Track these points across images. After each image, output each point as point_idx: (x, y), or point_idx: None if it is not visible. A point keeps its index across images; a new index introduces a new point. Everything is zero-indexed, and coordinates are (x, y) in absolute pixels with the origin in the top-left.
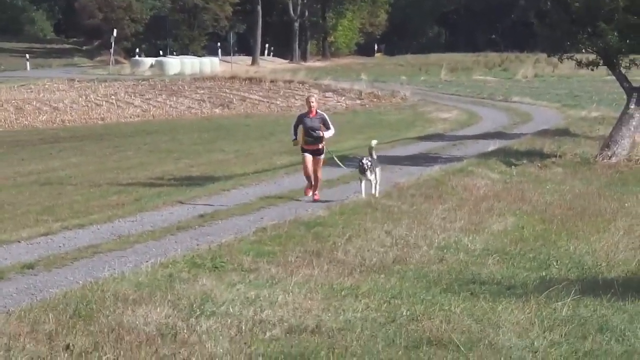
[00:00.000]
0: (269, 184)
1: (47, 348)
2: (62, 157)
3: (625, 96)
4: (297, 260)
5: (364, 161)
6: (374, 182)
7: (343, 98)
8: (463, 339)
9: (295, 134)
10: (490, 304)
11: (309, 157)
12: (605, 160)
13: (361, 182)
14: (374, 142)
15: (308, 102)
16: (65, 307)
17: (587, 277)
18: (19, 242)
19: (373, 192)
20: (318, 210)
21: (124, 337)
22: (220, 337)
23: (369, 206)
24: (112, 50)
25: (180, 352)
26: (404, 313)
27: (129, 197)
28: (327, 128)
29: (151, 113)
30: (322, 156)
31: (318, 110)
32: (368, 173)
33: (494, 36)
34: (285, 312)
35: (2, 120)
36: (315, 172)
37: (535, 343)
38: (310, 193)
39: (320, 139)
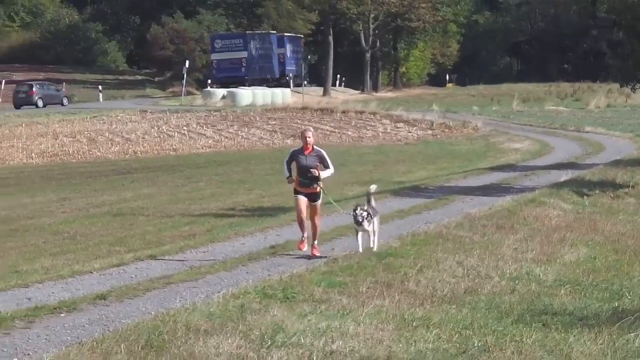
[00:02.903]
0: (339, 214)
1: None
2: (135, 188)
3: None
4: (368, 290)
5: (358, 211)
6: (372, 233)
7: (414, 128)
8: None
9: (289, 170)
10: (562, 335)
11: (302, 200)
12: None
13: (357, 234)
14: (373, 187)
15: (303, 136)
16: (137, 338)
17: None
18: (92, 272)
19: (371, 245)
20: (389, 241)
21: None
22: None
23: (441, 237)
24: (184, 82)
25: None
26: (476, 344)
27: (200, 227)
28: (326, 167)
29: (223, 144)
30: (319, 202)
31: (315, 147)
32: (365, 224)
33: (565, 66)
34: (356, 343)
35: (75, 152)
36: (312, 219)
37: None
38: (305, 247)
39: (316, 180)
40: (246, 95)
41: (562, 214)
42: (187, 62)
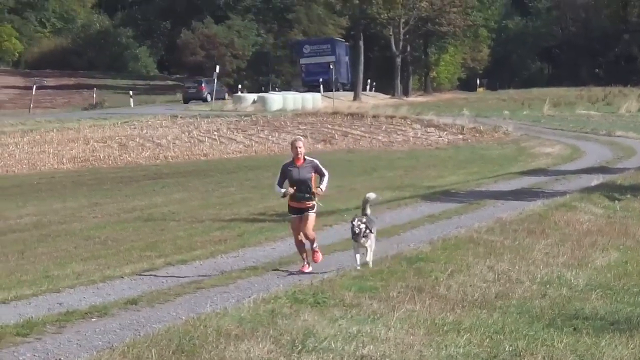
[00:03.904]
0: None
1: None
2: (165, 193)
3: None
4: (399, 295)
5: (356, 222)
6: (369, 249)
7: (445, 133)
8: None
9: (281, 185)
10: (593, 339)
11: (298, 222)
12: None
13: (355, 249)
14: (371, 196)
15: (294, 147)
16: (168, 343)
17: None
18: (123, 277)
19: (367, 260)
20: (420, 245)
21: None
22: None
23: (472, 241)
24: (214, 87)
25: None
26: (507, 349)
27: (231, 232)
28: (321, 175)
29: (253, 149)
30: (314, 214)
31: (306, 157)
32: (362, 240)
33: (597, 70)
34: (387, 347)
35: (106, 157)
36: (305, 232)
37: None
38: (308, 268)
39: (311, 194)
40: (277, 100)
41: (594, 218)
42: (218, 67)
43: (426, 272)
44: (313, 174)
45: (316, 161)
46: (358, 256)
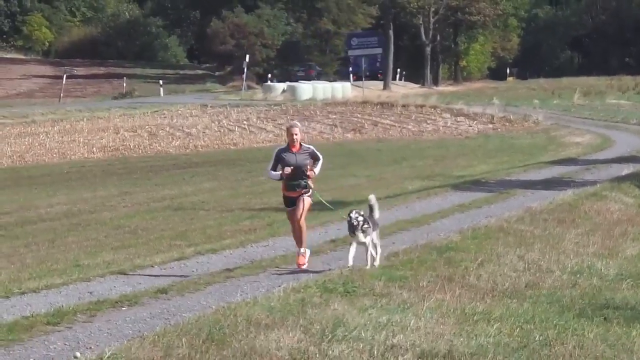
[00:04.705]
0: (400, 208)
1: None
2: (195, 183)
3: None
4: (429, 285)
5: (353, 215)
6: (369, 248)
7: (475, 122)
8: None
9: (275, 170)
10: (624, 329)
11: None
12: None
13: (350, 245)
14: (372, 198)
15: (289, 133)
16: (198, 332)
17: None
18: (153, 266)
19: (374, 259)
20: (450, 235)
21: None
22: None
23: (502, 231)
24: (244, 76)
25: None
26: (537, 338)
27: (261, 222)
28: (316, 160)
29: (283, 138)
30: (309, 199)
31: (303, 143)
32: (360, 235)
33: (627, 59)
34: (417, 337)
35: (137, 146)
36: (298, 220)
37: None
38: (305, 260)
39: (306, 184)
40: (307, 89)
41: (624, 207)
42: (248, 57)
43: (456, 262)
44: (309, 160)
45: (313, 147)
46: (352, 252)
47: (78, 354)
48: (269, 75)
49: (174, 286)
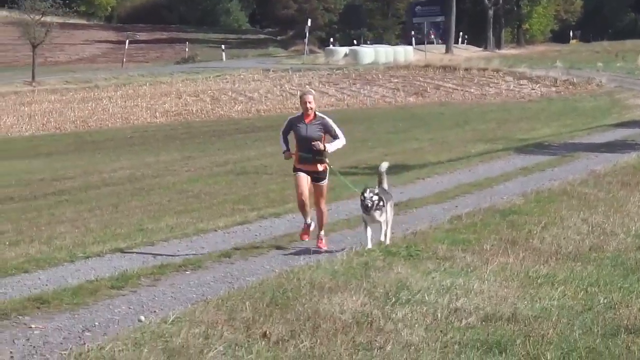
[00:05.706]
0: (463, 172)
1: (245, 336)
2: (258, 147)
3: None
4: (492, 248)
5: (367, 194)
6: (383, 224)
7: (538, 85)
8: None
9: (286, 143)
10: None
11: (303, 179)
12: None
13: (366, 226)
14: (384, 166)
15: (303, 101)
16: (261, 296)
17: None
18: (216, 231)
19: (382, 238)
20: (513, 198)
21: (320, 325)
22: (416, 325)
23: (565, 194)
24: (306, 40)
25: (376, 340)
26: (601, 301)
27: None
28: (333, 137)
29: (345, 102)
30: (325, 182)
31: (318, 113)
32: (376, 214)
33: None
34: (480, 300)
35: (199, 111)
36: (316, 204)
37: None
38: (308, 237)
39: (320, 155)
40: (368, 53)
41: None
42: (309, 21)
43: (519, 225)
44: (323, 134)
45: (328, 119)
46: (369, 234)
47: (142, 318)
48: (331, 40)
49: (237, 250)
